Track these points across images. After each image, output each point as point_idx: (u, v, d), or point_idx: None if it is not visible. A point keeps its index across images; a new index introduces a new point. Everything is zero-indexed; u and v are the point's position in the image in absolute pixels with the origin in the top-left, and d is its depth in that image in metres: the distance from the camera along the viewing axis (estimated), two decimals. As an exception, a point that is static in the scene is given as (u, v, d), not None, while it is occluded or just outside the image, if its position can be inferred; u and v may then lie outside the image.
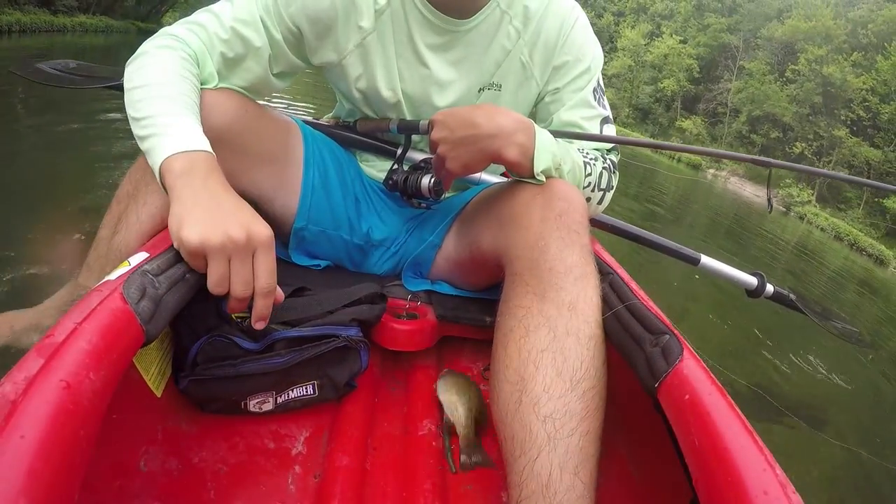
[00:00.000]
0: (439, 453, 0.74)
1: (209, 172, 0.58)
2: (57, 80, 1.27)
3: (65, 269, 0.85)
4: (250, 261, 0.56)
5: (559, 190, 0.68)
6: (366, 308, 0.81)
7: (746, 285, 1.40)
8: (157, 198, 0.72)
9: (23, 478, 0.32)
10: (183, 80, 0.67)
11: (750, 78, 22.66)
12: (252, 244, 0.55)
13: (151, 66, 0.67)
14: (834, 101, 19.49)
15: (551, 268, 0.62)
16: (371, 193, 0.96)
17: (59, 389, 0.37)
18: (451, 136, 0.71)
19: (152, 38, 0.72)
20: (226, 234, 0.53)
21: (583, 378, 0.56)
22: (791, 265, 5.66)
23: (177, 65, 0.68)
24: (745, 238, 6.46)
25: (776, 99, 21.00)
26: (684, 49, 26.11)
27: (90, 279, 0.75)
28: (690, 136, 24.05)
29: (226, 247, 0.54)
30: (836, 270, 6.87)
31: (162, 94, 0.63)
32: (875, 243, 15.00)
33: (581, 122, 0.85)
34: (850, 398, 2.00)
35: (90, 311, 0.46)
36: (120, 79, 1.26)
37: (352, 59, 0.81)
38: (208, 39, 0.73)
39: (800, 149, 19.87)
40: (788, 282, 4.86)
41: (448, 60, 0.83)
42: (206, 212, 0.55)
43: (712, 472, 0.44)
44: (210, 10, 0.75)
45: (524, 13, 0.82)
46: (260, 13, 0.74)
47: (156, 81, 0.64)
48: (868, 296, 6.14)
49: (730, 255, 4.76)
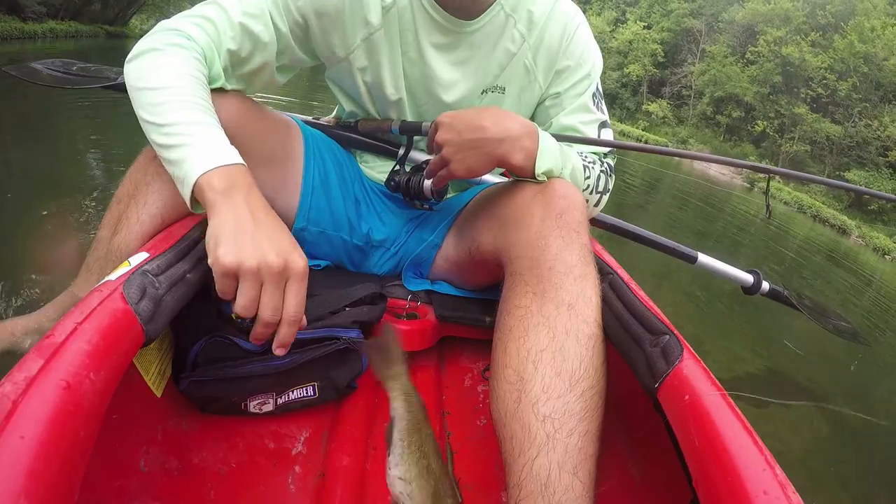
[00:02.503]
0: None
1: (249, 190, 0.57)
2: (53, 80, 1.26)
3: (65, 274, 0.85)
4: (282, 288, 0.55)
5: (559, 189, 0.69)
6: (366, 309, 0.81)
7: (742, 282, 1.41)
8: (157, 198, 0.72)
9: (23, 478, 0.32)
10: (200, 84, 0.65)
11: (712, 60, 23.20)
12: (286, 273, 0.55)
13: (165, 66, 0.64)
14: (794, 80, 20.03)
15: (551, 267, 0.62)
16: (371, 194, 0.96)
17: (59, 389, 0.37)
18: (458, 139, 0.71)
19: (156, 32, 0.69)
20: (263, 258, 0.53)
21: (582, 378, 0.56)
22: (758, 239, 5.78)
23: (191, 66, 0.66)
24: (714, 215, 6.62)
25: (737, 80, 21.51)
26: (649, 34, 26.54)
27: (89, 280, 0.75)
28: (657, 119, 24.56)
29: (260, 272, 0.53)
30: (803, 241, 7.08)
31: (184, 99, 0.61)
32: (838, 214, 15.43)
33: (580, 126, 0.86)
34: (811, 364, 1.99)
35: (90, 311, 0.46)
36: (117, 78, 1.26)
37: (357, 55, 0.80)
38: (216, 36, 0.71)
39: (762, 127, 20.41)
40: (760, 253, 4.94)
41: (452, 61, 0.83)
42: (245, 233, 0.54)
43: (712, 473, 0.44)
44: (216, 3, 0.72)
45: (528, 17, 0.82)
46: (268, 6, 0.73)
47: (174, 84, 0.62)
48: (840, 264, 6.30)
49: (699, 231, 4.87)
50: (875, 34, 18.27)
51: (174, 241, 0.64)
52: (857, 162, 17.79)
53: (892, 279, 7.18)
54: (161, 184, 0.71)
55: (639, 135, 23.22)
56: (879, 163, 17.22)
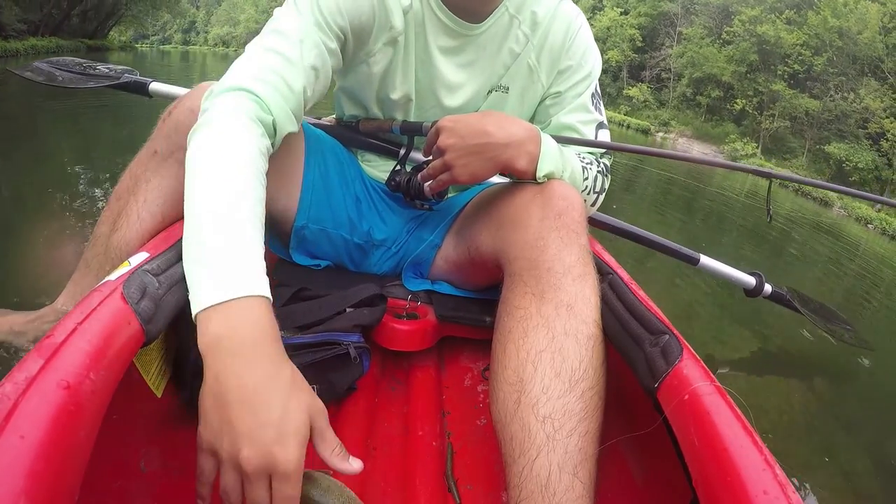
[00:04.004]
0: (439, 454, 0.74)
1: (245, 343, 0.45)
2: (58, 79, 1.26)
3: (67, 274, 0.85)
4: (266, 483, 0.43)
5: (558, 190, 0.69)
6: (366, 312, 0.81)
7: (745, 285, 1.41)
8: (156, 195, 0.71)
9: (23, 478, 0.32)
10: (253, 176, 0.56)
11: (689, 43, 23.41)
12: (269, 470, 0.42)
13: (222, 154, 0.56)
14: (770, 58, 20.26)
15: (550, 268, 0.62)
16: (372, 193, 0.96)
17: (59, 389, 0.37)
18: (462, 144, 0.70)
19: (224, 92, 0.62)
20: (236, 453, 0.42)
21: (581, 378, 0.56)
22: (744, 212, 5.92)
23: (250, 151, 0.58)
24: (699, 191, 6.76)
25: (714, 60, 21.70)
26: (626, 20, 26.63)
27: (88, 276, 0.75)
28: (638, 103, 24.67)
29: (236, 467, 0.43)
30: (787, 213, 7.30)
31: (217, 214, 0.51)
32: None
33: (578, 125, 0.86)
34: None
35: (90, 311, 0.46)
36: (122, 77, 1.27)
37: (377, 59, 0.80)
38: (287, 89, 0.66)
39: (741, 105, 20.63)
40: (749, 226, 4.97)
41: (458, 64, 0.83)
42: (227, 409, 0.43)
43: (712, 472, 0.44)
44: (276, 51, 0.67)
45: (532, 18, 0.83)
46: (318, 35, 0.71)
47: (223, 178, 0.54)
48: (823, 235, 6.48)
49: (684, 213, 4.88)
50: (848, 9, 18.51)
51: (174, 241, 0.64)
52: (837, 135, 17.95)
53: (875, 246, 7.52)
54: (160, 180, 0.71)
55: (621, 119, 23.44)
56: (859, 135, 17.39)
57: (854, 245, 6.69)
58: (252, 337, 0.45)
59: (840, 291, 3.45)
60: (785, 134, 19.59)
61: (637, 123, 22.51)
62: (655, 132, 22.27)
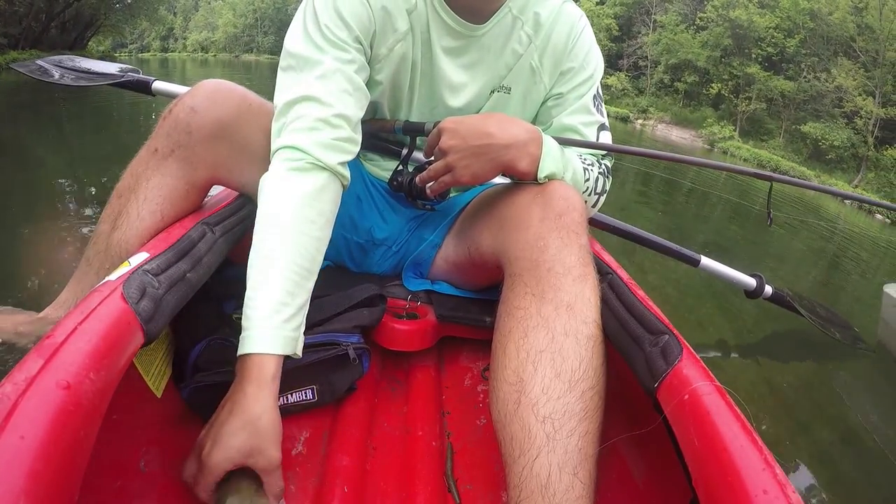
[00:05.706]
0: (439, 454, 0.74)
1: (260, 388, 0.56)
2: (62, 78, 1.26)
3: (68, 275, 0.85)
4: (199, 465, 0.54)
5: (559, 191, 0.69)
6: (366, 313, 0.81)
7: (745, 286, 1.41)
8: (157, 193, 0.71)
9: (23, 478, 0.32)
10: (307, 235, 0.65)
11: (664, 30, 23.54)
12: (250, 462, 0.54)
13: (284, 216, 0.64)
14: (744, 42, 20.39)
15: (550, 268, 0.62)
16: (373, 192, 0.96)
17: (59, 389, 0.37)
18: (464, 145, 0.70)
19: (286, 152, 0.67)
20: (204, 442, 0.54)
21: (581, 378, 0.56)
22: (727, 191, 6.02)
23: (311, 212, 0.66)
24: (680, 173, 6.84)
25: (689, 46, 21.87)
26: (602, 10, 26.62)
27: (89, 273, 0.75)
28: (617, 92, 24.64)
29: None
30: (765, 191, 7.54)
31: (267, 271, 0.61)
32: (796, 166, 15.88)
33: (580, 127, 0.86)
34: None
35: (90, 311, 0.46)
36: (126, 76, 1.27)
37: (386, 62, 0.80)
38: (335, 139, 0.69)
39: (717, 89, 20.80)
40: (730, 209, 5.02)
41: (461, 64, 0.83)
42: (219, 416, 0.56)
43: (712, 472, 0.44)
44: (321, 102, 0.69)
45: (535, 19, 0.83)
46: (342, 58, 0.72)
47: (280, 241, 0.62)
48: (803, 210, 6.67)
49: (664, 194, 4.90)
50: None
51: (174, 241, 0.64)
52: (814, 115, 18.05)
53: (853, 220, 7.85)
54: (161, 178, 0.71)
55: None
56: (835, 114, 17.49)
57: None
58: (258, 377, 0.57)
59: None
60: (762, 116, 19.75)
61: (616, 111, 22.47)
62: (634, 119, 22.35)
